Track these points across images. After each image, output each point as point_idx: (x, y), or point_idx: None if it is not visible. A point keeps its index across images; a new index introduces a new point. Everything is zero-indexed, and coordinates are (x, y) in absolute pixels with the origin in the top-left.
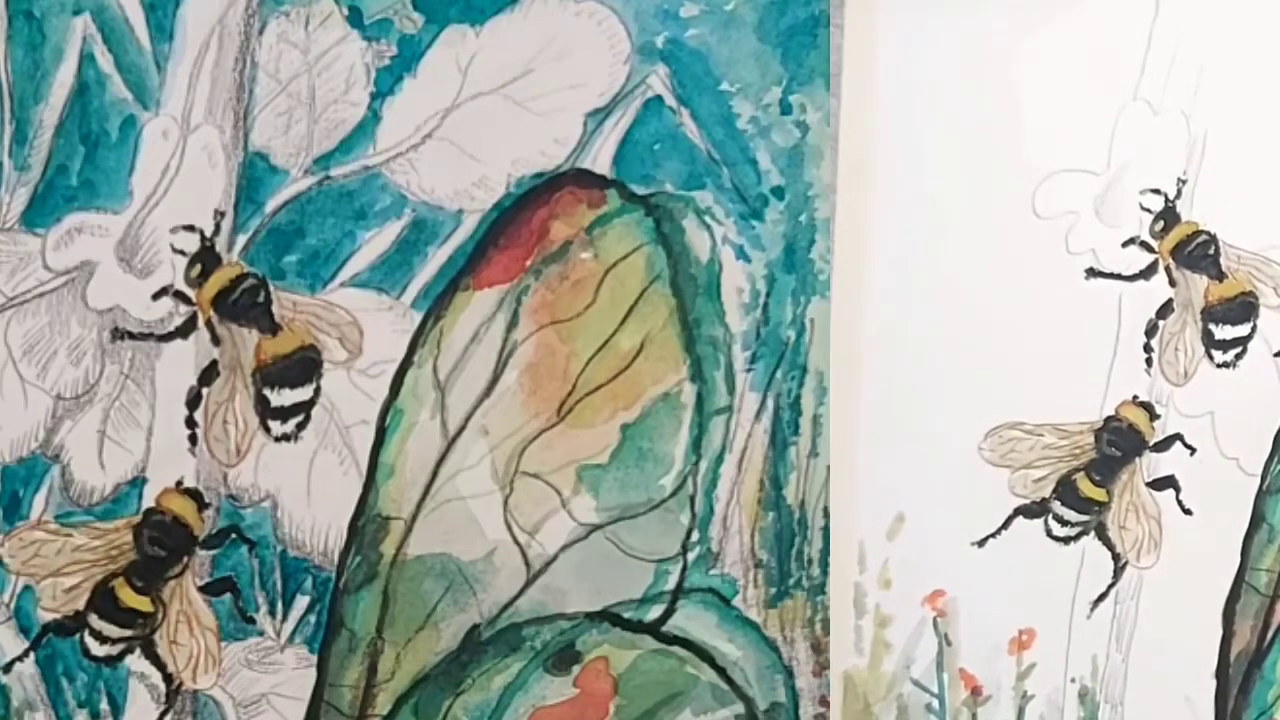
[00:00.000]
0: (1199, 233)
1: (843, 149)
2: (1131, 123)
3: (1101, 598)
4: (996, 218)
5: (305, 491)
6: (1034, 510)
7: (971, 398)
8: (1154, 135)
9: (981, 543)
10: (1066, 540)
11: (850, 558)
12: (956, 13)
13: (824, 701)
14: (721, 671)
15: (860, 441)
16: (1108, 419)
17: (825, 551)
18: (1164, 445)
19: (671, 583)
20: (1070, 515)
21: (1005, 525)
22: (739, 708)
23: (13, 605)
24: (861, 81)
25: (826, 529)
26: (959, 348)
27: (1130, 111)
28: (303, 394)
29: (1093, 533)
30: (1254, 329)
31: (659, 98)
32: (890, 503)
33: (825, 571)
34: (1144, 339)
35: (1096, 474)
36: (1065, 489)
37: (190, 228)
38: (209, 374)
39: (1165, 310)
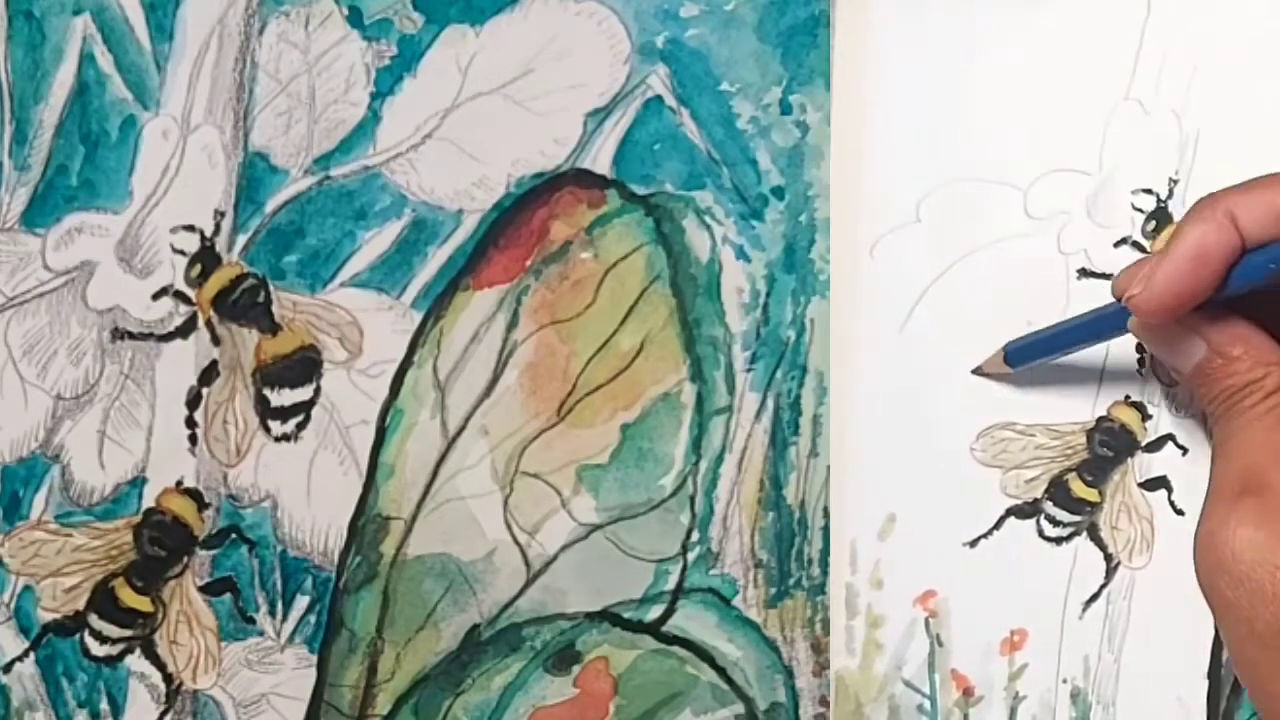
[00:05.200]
0: None
1: (836, 149)
2: (1123, 122)
3: (1094, 598)
4: (989, 218)
5: (305, 491)
6: (1026, 511)
7: (963, 398)
8: (1146, 135)
9: (973, 543)
10: (1058, 541)
11: (842, 558)
12: (948, 12)
13: (824, 701)
14: (721, 671)
15: (852, 442)
16: (1100, 419)
17: (825, 551)
18: (1156, 445)
19: (671, 583)
20: (1062, 516)
21: (997, 526)
22: (739, 708)
23: (13, 605)
24: (853, 81)
25: (826, 529)
26: (951, 348)
27: (1122, 111)
28: (303, 394)
29: (1085, 533)
30: None
31: (659, 98)
32: (882, 503)
33: (825, 571)
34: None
35: (1088, 474)
36: (1057, 489)
37: (190, 228)
38: (209, 374)
39: None
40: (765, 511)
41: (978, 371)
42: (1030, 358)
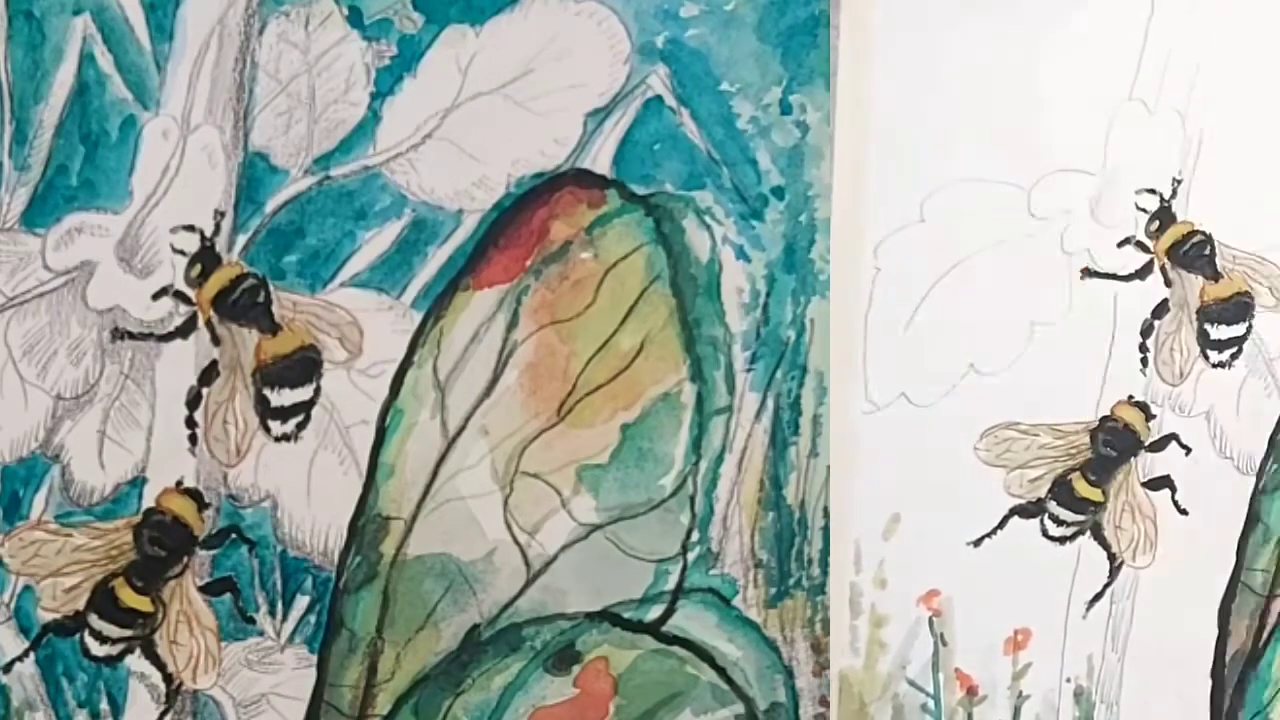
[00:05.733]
0: (1195, 232)
1: (838, 149)
2: (1127, 122)
3: (1097, 597)
4: (993, 218)
5: (305, 491)
6: (1030, 510)
7: (966, 398)
8: (1149, 135)
9: (977, 543)
10: (1062, 540)
11: (846, 558)
12: (952, 12)
13: (824, 701)
14: (721, 671)
15: (856, 442)
16: (1103, 419)
17: (825, 551)
18: (1159, 445)
19: (671, 583)
20: (1066, 515)
21: (1001, 525)
22: (739, 708)
23: (13, 605)
24: (856, 81)
25: (826, 529)
26: (955, 348)
27: (1126, 111)
28: (303, 394)
29: (1088, 533)
30: (1249, 329)
31: (659, 98)
32: (886, 503)
33: (825, 571)
34: (1139, 339)
35: (1092, 474)
36: (1061, 489)
37: (190, 228)
38: (209, 374)
39: (1161, 310)
40: (765, 511)
41: None
42: None
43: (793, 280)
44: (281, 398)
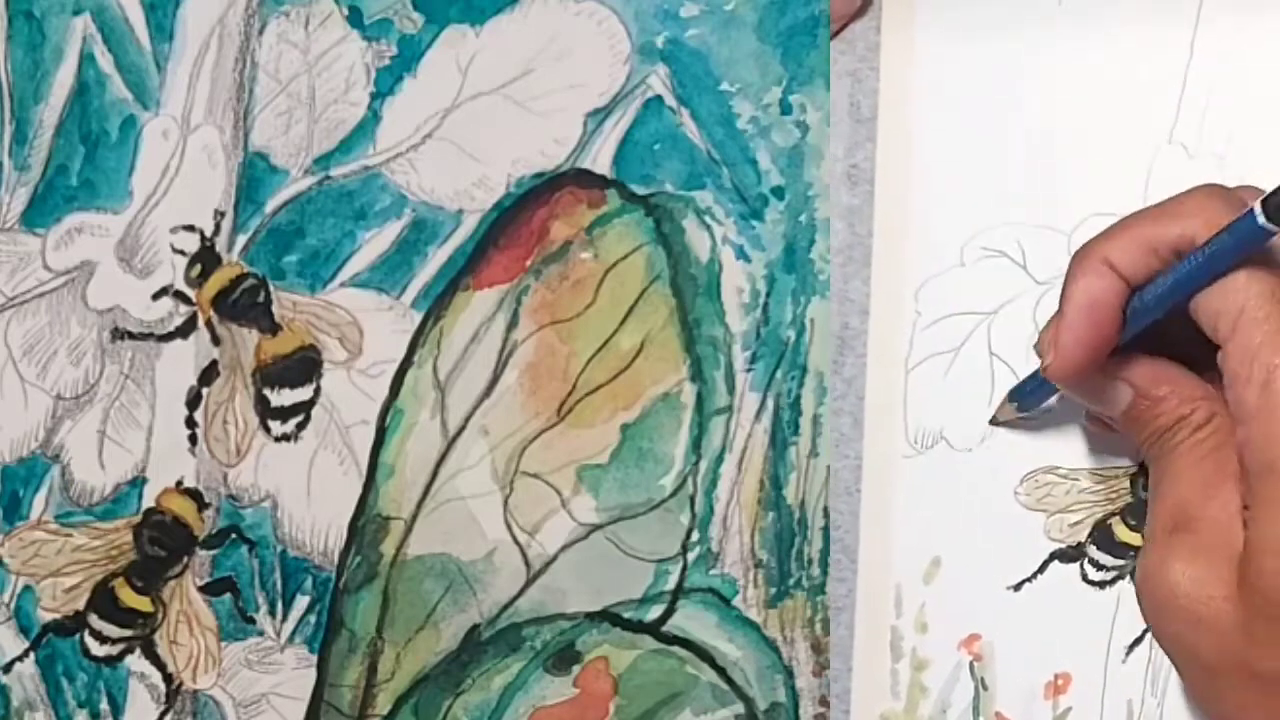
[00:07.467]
0: None
1: (879, 192)
2: (1167, 166)
3: (1137, 642)
4: (1034, 261)
5: (305, 491)
6: (1070, 555)
7: (1008, 442)
8: (1189, 179)
9: (1018, 587)
10: (1102, 585)
11: (887, 601)
12: (990, 57)
13: (824, 701)
14: (721, 671)
15: (897, 486)
16: (1143, 464)
17: (825, 551)
18: None
19: (671, 583)
20: (1106, 560)
21: (1041, 570)
22: (739, 708)
23: (13, 605)
24: (897, 127)
25: (826, 529)
26: (996, 393)
27: (1165, 154)
28: (303, 394)
29: (1128, 577)
30: None
31: (659, 98)
32: (927, 547)
33: (825, 571)
34: None
35: (1132, 518)
36: (1101, 533)
37: (190, 228)
38: (209, 374)
39: None
40: (765, 511)
41: (994, 422)
42: (1031, 398)
43: (793, 280)
44: (281, 398)
